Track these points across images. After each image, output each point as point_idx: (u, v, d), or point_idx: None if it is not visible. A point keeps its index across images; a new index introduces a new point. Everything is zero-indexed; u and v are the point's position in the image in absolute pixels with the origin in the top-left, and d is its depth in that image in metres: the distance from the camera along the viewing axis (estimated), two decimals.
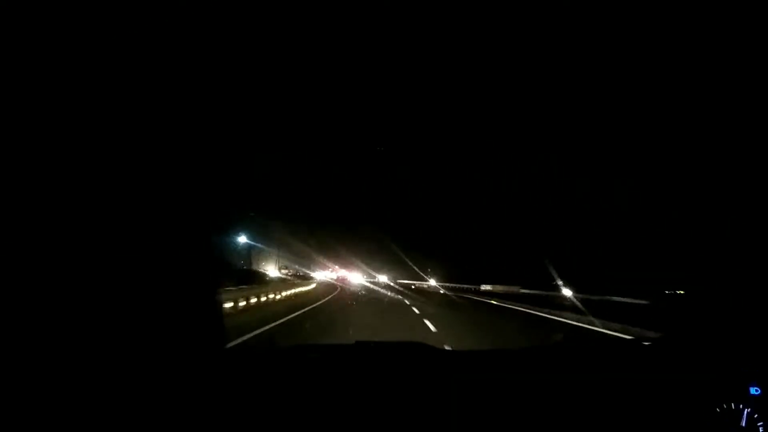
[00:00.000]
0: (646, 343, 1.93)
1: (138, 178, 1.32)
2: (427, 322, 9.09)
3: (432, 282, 41.21)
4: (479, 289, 34.17)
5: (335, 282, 37.93)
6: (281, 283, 18.93)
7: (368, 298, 19.41)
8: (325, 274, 42.62)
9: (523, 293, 26.62)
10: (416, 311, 12.22)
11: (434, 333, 7.84)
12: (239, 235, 22.62)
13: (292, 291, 17.77)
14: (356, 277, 45.11)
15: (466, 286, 36.16)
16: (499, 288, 32.24)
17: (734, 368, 1.53)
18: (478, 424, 1.31)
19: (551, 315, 12.66)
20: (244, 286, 11.74)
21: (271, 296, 13.71)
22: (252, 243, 26.19)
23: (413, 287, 36.78)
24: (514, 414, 1.35)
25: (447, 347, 6.98)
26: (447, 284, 39.26)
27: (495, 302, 18.86)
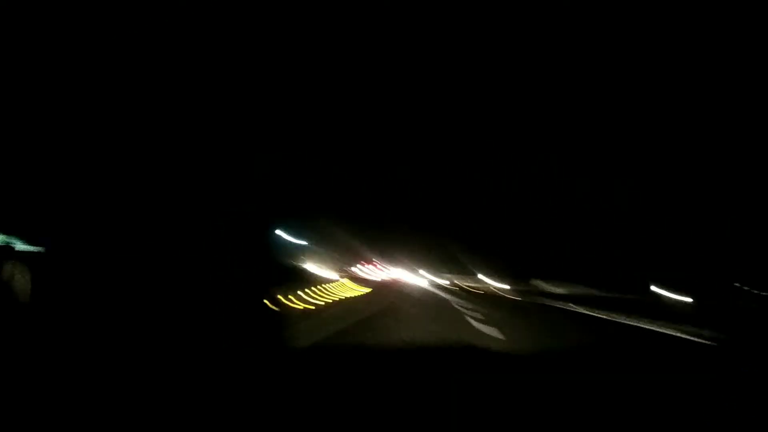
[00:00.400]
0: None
1: (197, 184, 1.31)
2: None
3: (501, 285, 39.69)
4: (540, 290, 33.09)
5: (388, 282, 37.80)
6: (334, 284, 19.28)
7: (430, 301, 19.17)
8: (378, 273, 42.64)
9: (601, 296, 25.15)
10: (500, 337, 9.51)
11: None
12: (291, 235, 23.36)
13: (348, 295, 18.04)
14: (416, 279, 44.19)
15: (523, 288, 35.18)
16: (560, 290, 30.76)
17: None
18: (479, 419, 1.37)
19: None
20: (298, 291, 12.00)
21: (326, 298, 13.93)
22: (304, 243, 26.94)
23: (480, 293, 35.47)
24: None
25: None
26: (507, 287, 38.16)
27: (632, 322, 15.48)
